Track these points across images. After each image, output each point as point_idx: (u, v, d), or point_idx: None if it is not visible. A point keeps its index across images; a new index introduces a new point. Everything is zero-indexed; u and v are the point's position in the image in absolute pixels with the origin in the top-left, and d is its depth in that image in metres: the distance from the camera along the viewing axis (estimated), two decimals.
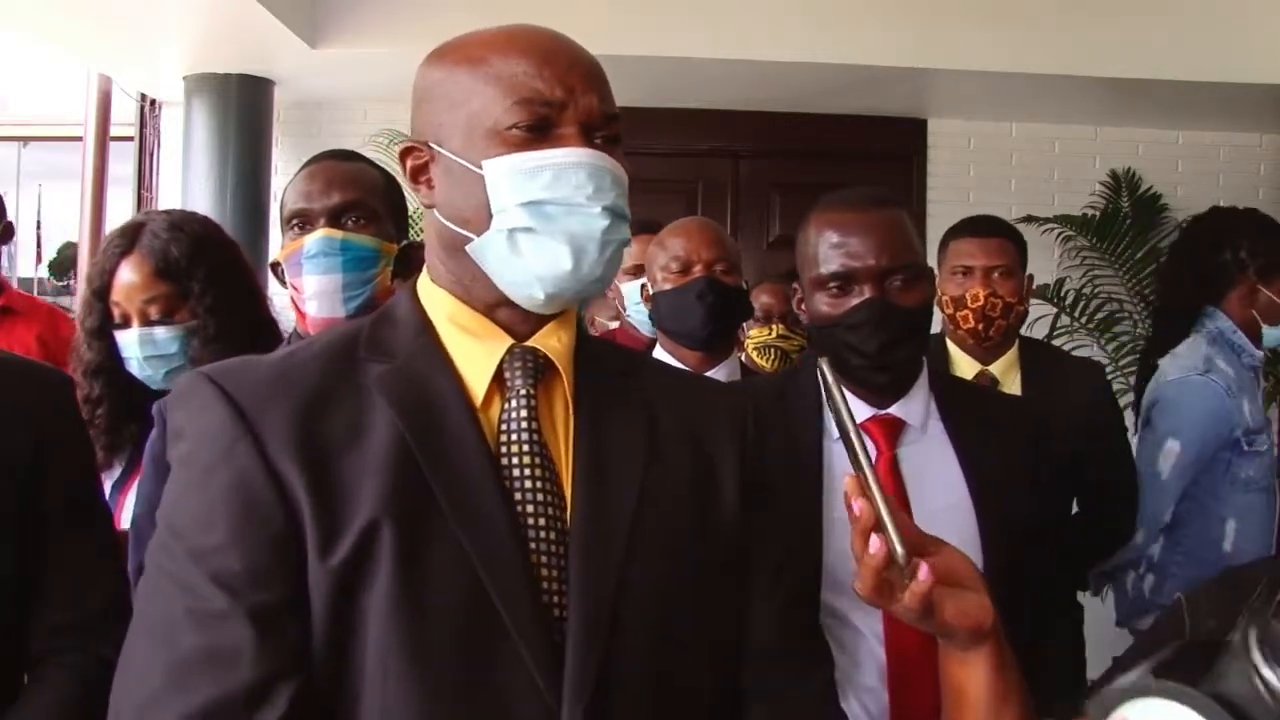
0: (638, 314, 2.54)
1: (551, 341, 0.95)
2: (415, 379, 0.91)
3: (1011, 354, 2.28)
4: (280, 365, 0.92)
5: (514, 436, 0.91)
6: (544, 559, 0.88)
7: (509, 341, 0.94)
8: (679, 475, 0.96)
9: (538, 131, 0.90)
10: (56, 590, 1.22)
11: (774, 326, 2.91)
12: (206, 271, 1.71)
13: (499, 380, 0.93)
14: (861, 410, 1.44)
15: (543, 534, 0.88)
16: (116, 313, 1.71)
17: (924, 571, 0.85)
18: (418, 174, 0.96)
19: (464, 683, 0.84)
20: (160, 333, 1.69)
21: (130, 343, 1.69)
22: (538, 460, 0.91)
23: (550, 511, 0.89)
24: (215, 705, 0.80)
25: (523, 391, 0.92)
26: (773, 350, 2.89)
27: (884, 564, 0.86)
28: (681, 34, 3.97)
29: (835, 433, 1.45)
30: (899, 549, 0.85)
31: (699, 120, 4.74)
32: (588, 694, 0.85)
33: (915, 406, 1.45)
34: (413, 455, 0.86)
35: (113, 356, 1.72)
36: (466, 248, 0.93)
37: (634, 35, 3.90)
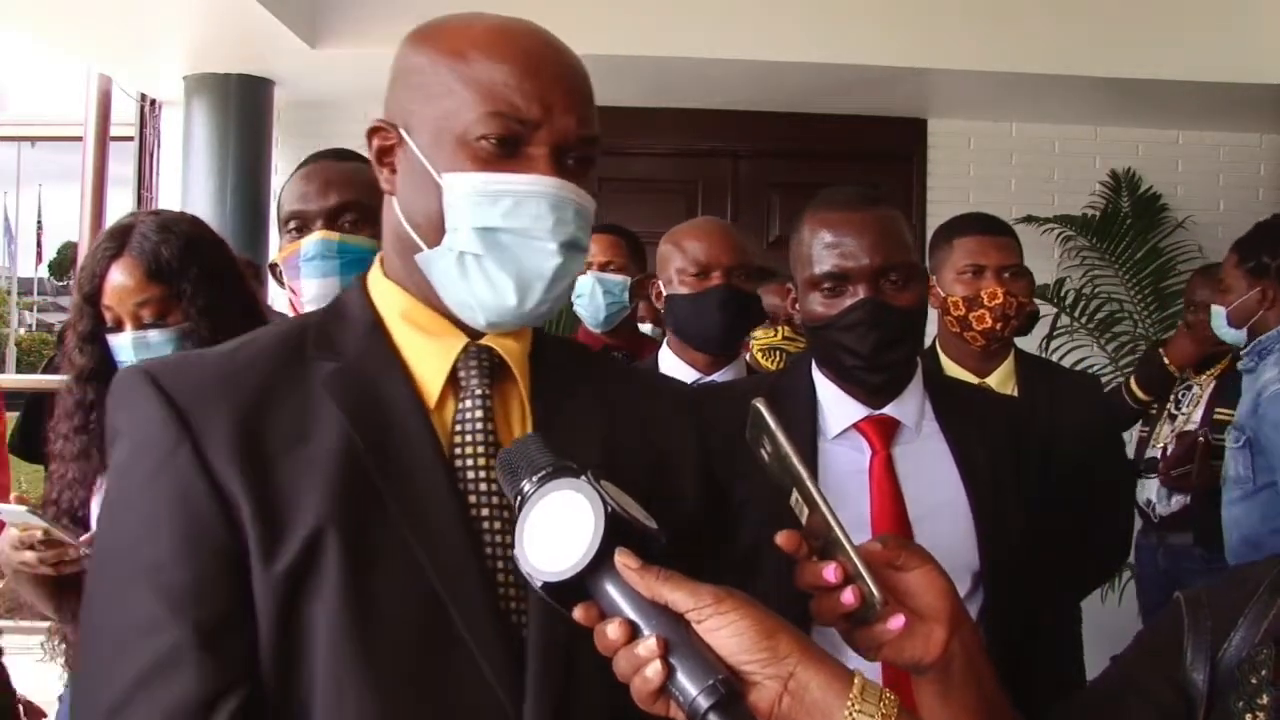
0: (582, 305, 2.60)
1: (507, 341, 0.92)
2: (365, 379, 0.88)
3: (1007, 366, 2.22)
4: (226, 362, 0.88)
5: (468, 438, 0.88)
6: (500, 564, 0.85)
7: (464, 340, 0.91)
8: (636, 475, 0.92)
9: (507, 147, 0.85)
10: None
11: (779, 328, 2.90)
12: (198, 273, 1.69)
13: (453, 380, 0.90)
14: (856, 411, 1.44)
15: (499, 538, 0.86)
16: (109, 316, 1.68)
17: (895, 623, 0.81)
18: (383, 155, 0.92)
19: (419, 693, 0.81)
20: (154, 335, 1.67)
21: (124, 346, 1.67)
22: (493, 462, 0.87)
23: (507, 514, 0.86)
24: None
25: (478, 392, 0.89)
26: (778, 352, 2.88)
27: (856, 610, 0.82)
28: (681, 34, 3.96)
29: (830, 433, 1.45)
30: (876, 595, 0.80)
31: (699, 120, 4.74)
32: (549, 702, 0.83)
33: (909, 407, 1.44)
34: (361, 459, 0.83)
35: (106, 360, 1.70)
36: (415, 257, 0.89)
37: (634, 35, 3.91)
